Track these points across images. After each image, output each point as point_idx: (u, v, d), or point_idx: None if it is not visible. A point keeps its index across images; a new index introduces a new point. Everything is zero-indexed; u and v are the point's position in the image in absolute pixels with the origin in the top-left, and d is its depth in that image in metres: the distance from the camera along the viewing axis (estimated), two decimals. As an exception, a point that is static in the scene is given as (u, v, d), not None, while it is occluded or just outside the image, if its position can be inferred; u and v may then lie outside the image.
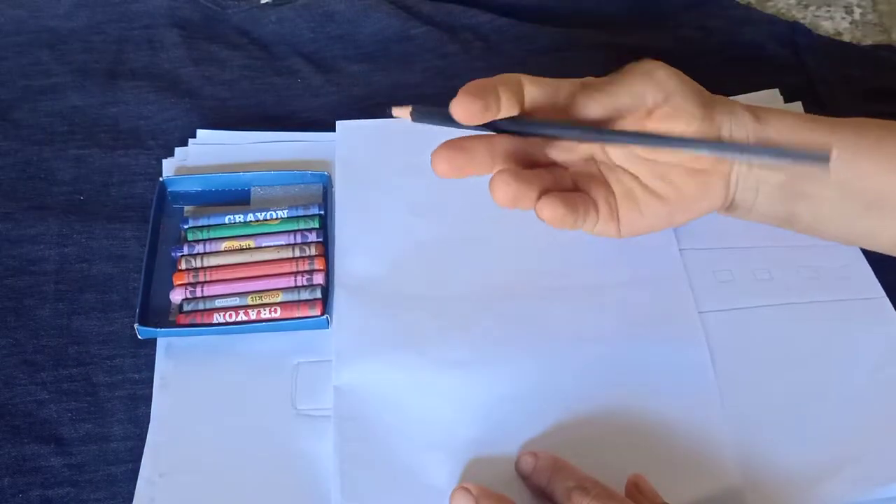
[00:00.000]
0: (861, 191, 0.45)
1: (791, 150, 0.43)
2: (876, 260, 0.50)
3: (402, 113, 0.43)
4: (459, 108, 0.42)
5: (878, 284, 0.50)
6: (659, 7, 0.66)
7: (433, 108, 0.43)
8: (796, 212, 0.47)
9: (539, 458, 0.42)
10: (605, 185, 0.46)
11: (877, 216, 0.46)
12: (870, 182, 0.45)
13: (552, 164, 0.46)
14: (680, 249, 0.51)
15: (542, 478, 0.41)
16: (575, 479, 0.40)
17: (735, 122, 0.46)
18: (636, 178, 0.46)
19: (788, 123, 0.46)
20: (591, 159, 0.47)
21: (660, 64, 0.45)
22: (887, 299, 0.49)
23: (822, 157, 0.41)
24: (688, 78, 0.46)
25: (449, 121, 0.43)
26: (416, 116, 0.43)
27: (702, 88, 0.46)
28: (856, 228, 0.47)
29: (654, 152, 0.45)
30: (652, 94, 0.44)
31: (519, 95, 0.43)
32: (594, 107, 0.44)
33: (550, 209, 0.43)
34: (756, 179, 0.46)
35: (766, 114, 0.46)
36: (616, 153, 0.46)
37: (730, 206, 0.48)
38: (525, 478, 0.42)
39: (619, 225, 0.46)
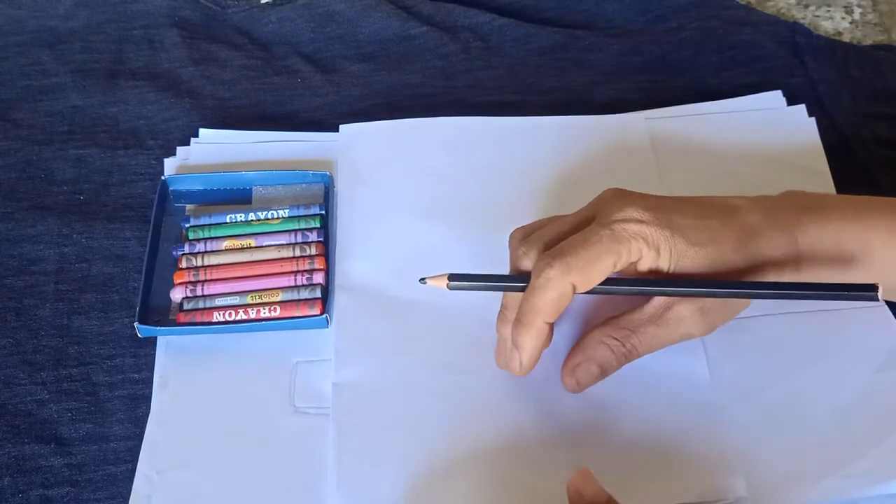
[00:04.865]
0: None
1: (837, 289, 0.42)
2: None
3: (439, 282, 0.44)
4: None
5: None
6: (659, 7, 0.66)
7: (467, 274, 0.44)
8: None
9: None
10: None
11: None
12: None
13: None
14: None
15: None
16: None
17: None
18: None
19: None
20: None
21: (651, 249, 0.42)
22: (886, 307, 0.49)
23: (869, 295, 0.40)
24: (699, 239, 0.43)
25: (485, 285, 0.44)
26: (453, 285, 0.44)
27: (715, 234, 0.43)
28: None
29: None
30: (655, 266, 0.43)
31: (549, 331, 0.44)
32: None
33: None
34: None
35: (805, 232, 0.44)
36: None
37: None
38: None
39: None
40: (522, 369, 0.43)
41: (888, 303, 0.49)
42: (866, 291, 0.40)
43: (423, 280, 0.44)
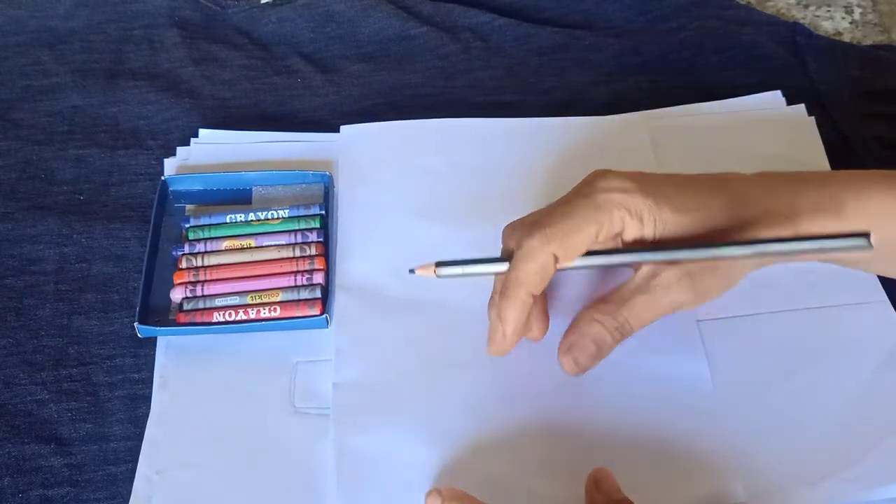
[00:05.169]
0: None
1: (828, 239, 0.40)
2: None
3: (427, 271, 0.43)
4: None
5: (881, 288, 0.49)
6: (659, 7, 0.66)
7: (454, 260, 0.44)
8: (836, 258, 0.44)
9: (443, 496, 0.40)
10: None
11: None
12: None
13: None
14: None
15: None
16: None
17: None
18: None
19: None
20: None
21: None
22: (889, 303, 0.49)
23: (860, 243, 0.39)
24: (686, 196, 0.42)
25: (472, 270, 0.44)
26: (441, 272, 0.43)
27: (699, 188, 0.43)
28: None
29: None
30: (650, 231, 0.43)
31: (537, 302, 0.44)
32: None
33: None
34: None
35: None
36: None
37: None
38: None
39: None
40: (506, 341, 0.43)
41: (892, 303, 0.49)
42: (857, 238, 0.39)
43: (412, 270, 0.44)
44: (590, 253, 0.42)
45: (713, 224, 0.42)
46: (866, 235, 0.39)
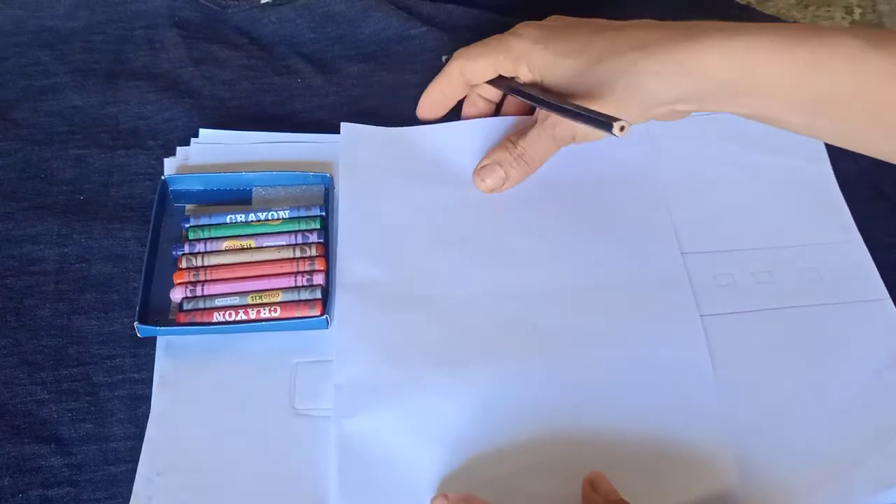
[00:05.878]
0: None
1: (582, 112, 0.46)
2: (883, 263, 0.51)
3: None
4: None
5: (882, 285, 0.49)
6: (659, 7, 0.66)
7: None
8: (751, 114, 0.47)
9: (450, 500, 0.41)
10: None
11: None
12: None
13: None
14: (682, 253, 0.51)
15: None
16: None
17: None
18: None
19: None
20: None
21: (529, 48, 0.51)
22: (890, 300, 0.49)
23: (607, 126, 0.44)
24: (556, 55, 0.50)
25: None
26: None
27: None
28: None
29: None
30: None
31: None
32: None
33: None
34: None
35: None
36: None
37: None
38: None
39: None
40: (419, 110, 0.57)
41: (893, 301, 0.49)
42: (606, 123, 0.44)
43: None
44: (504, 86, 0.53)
45: (585, 73, 0.48)
46: (615, 121, 0.44)
